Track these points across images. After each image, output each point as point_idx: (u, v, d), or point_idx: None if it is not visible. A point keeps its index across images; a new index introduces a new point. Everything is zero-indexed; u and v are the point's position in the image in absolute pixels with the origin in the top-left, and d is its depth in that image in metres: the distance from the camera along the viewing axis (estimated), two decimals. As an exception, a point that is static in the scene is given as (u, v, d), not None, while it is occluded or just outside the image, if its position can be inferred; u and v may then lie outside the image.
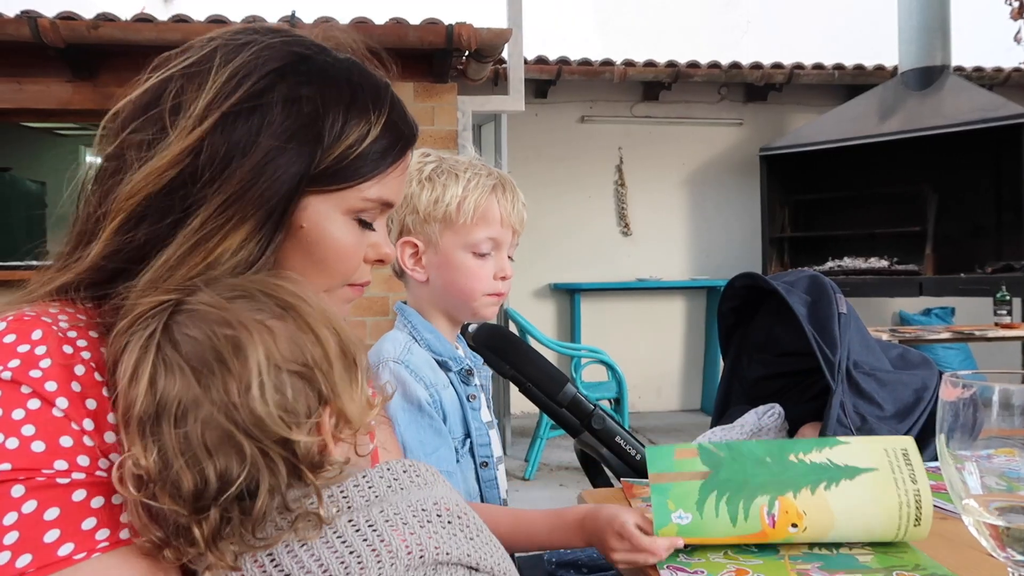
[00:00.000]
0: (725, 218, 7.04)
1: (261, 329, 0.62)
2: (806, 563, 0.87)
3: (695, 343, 7.03)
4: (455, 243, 1.26)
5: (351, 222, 0.76)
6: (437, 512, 0.66)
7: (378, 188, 0.75)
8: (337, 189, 0.73)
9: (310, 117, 0.70)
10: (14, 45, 4.12)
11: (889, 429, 1.47)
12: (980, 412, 0.59)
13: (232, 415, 0.58)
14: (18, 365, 0.59)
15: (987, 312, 4.84)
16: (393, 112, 0.76)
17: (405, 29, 4.33)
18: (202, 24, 4.30)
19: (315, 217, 0.73)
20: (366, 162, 0.74)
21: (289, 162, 0.69)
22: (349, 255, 0.77)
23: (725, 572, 0.85)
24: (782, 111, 7.04)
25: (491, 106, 5.04)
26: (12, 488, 0.56)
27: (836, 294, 1.60)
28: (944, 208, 5.99)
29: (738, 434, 1.70)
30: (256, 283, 0.67)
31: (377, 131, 0.74)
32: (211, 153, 0.68)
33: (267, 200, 0.69)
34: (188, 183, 0.68)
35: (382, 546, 0.60)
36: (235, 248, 0.68)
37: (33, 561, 0.55)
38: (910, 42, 5.88)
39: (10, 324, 0.62)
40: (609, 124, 6.86)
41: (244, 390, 0.58)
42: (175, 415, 0.58)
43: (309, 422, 0.61)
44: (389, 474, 0.67)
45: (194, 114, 0.69)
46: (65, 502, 0.57)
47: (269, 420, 0.58)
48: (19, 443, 0.57)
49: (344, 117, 0.72)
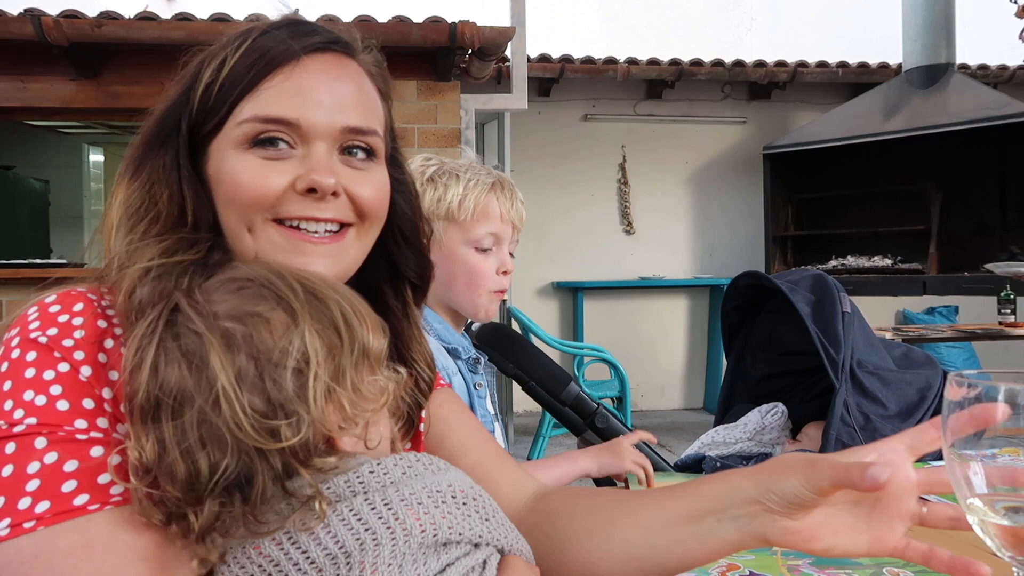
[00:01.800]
0: (728, 216, 7.03)
1: (257, 321, 0.63)
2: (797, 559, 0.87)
3: (698, 342, 7.02)
4: (458, 239, 1.33)
5: (244, 153, 0.75)
6: (452, 494, 0.67)
7: (251, 107, 0.74)
8: (217, 127, 0.76)
9: (190, 78, 0.78)
10: (18, 43, 4.13)
11: (893, 428, 1.47)
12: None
13: (220, 412, 0.59)
14: (55, 333, 0.65)
15: (991, 311, 4.83)
16: (258, 39, 0.77)
17: (408, 27, 4.33)
18: (205, 22, 4.30)
19: (216, 163, 0.76)
20: (225, 90, 0.75)
21: (164, 116, 0.78)
22: (244, 183, 0.74)
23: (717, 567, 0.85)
24: (786, 109, 7.04)
25: (494, 104, 5.04)
26: (36, 440, 0.61)
27: (840, 293, 1.60)
28: (948, 206, 5.97)
29: (741, 433, 1.70)
30: (261, 273, 0.67)
31: (234, 59, 0.76)
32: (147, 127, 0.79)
33: (149, 154, 0.76)
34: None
35: (396, 524, 0.61)
36: (128, 207, 0.75)
37: (50, 508, 0.59)
38: (914, 40, 5.87)
39: (59, 297, 0.69)
40: (612, 122, 6.86)
41: (226, 391, 0.59)
42: (172, 407, 0.60)
43: (307, 417, 0.61)
44: (403, 462, 0.68)
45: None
46: (83, 456, 0.61)
47: (248, 422, 0.59)
48: (46, 400, 0.62)
49: (206, 64, 0.77)
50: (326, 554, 0.60)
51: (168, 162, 0.75)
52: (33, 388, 0.63)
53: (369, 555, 0.60)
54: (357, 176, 0.78)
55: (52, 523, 0.58)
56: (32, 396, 0.62)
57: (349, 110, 0.77)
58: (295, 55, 0.75)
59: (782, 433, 1.69)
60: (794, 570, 0.84)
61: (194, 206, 0.75)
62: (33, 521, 0.58)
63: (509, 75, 5.04)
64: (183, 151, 0.76)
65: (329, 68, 0.78)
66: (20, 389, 0.63)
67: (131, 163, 0.77)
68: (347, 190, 0.77)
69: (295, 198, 0.75)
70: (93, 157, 7.95)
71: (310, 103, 0.75)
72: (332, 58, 0.79)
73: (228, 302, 0.64)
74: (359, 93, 0.79)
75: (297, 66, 0.75)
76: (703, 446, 1.72)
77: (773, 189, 6.41)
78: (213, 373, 0.60)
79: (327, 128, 0.75)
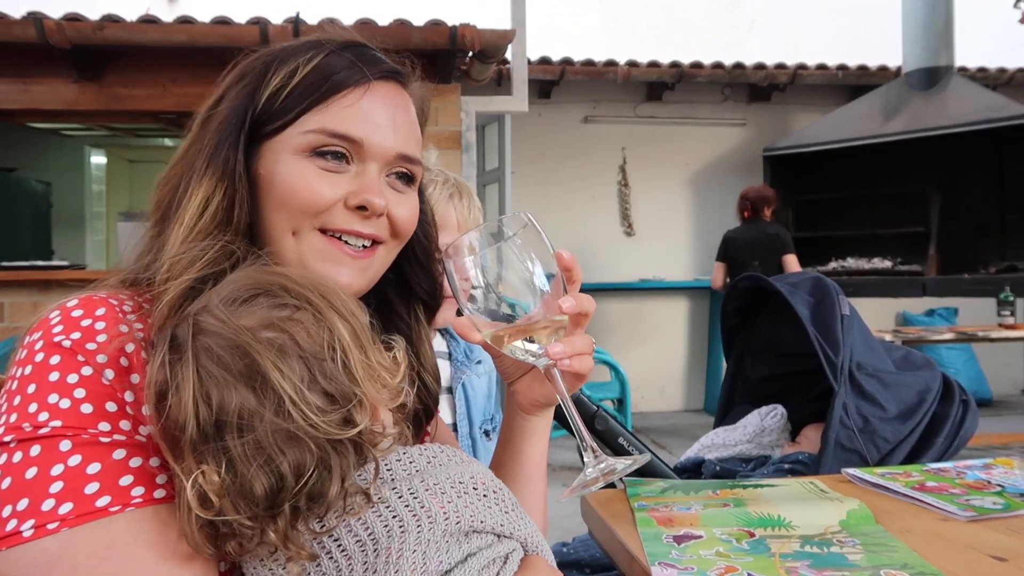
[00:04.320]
0: (728, 218, 7.02)
1: (292, 325, 0.64)
2: (795, 561, 0.88)
3: (698, 343, 7.03)
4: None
5: (303, 160, 0.78)
6: (473, 486, 0.69)
7: (318, 119, 0.77)
8: (279, 129, 0.78)
9: (256, 78, 0.80)
10: (20, 46, 4.14)
11: (892, 430, 1.48)
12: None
13: (292, 419, 0.60)
14: (79, 337, 0.67)
15: (991, 313, 4.84)
16: (330, 56, 0.80)
17: (409, 30, 4.34)
18: (207, 25, 4.31)
19: (269, 163, 0.78)
20: (294, 97, 0.78)
21: (231, 113, 0.79)
22: (299, 189, 0.77)
23: (715, 569, 0.86)
24: (785, 111, 7.05)
25: (495, 106, 5.05)
26: (60, 443, 0.62)
27: (839, 295, 1.60)
28: (948, 208, 5.99)
29: (740, 435, 1.71)
30: (264, 279, 0.68)
31: (307, 69, 0.79)
32: (197, 129, 0.81)
33: (218, 152, 0.77)
34: (189, 158, 0.80)
35: (422, 511, 0.64)
36: (199, 206, 0.76)
37: (73, 509, 0.60)
38: (914, 42, 5.88)
39: (81, 302, 0.70)
40: (613, 124, 6.87)
41: (292, 398, 0.60)
42: (237, 426, 0.60)
43: (354, 402, 0.63)
44: (428, 452, 0.71)
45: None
46: (106, 459, 0.63)
47: (321, 420, 0.61)
48: (71, 404, 0.64)
49: (275, 68, 0.80)
50: (357, 541, 0.63)
51: (232, 159, 0.78)
52: (58, 391, 0.64)
53: (396, 541, 0.62)
54: (399, 199, 0.83)
55: (75, 524, 0.60)
56: (57, 399, 0.64)
57: (403, 137, 0.82)
58: (366, 79, 0.80)
59: (781, 435, 1.70)
60: (792, 572, 0.85)
61: (242, 205, 0.77)
62: (57, 522, 0.60)
63: (509, 77, 5.05)
64: (244, 149, 0.79)
65: (392, 96, 0.83)
66: (45, 392, 0.64)
67: (204, 159, 0.78)
68: (389, 210, 0.81)
69: (343, 211, 0.79)
70: (95, 159, 7.95)
71: (373, 126, 0.80)
72: (394, 87, 0.84)
73: (255, 314, 0.65)
74: (411, 122, 0.85)
75: (368, 90, 0.80)
76: (702, 448, 1.73)
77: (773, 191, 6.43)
78: (275, 383, 0.60)
79: (384, 152, 0.80)
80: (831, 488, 1.17)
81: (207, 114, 0.81)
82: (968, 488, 1.15)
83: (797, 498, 1.11)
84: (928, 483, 1.18)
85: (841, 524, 1.00)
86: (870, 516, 1.02)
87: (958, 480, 1.21)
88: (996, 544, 0.93)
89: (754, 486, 1.21)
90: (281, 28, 4.27)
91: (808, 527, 0.99)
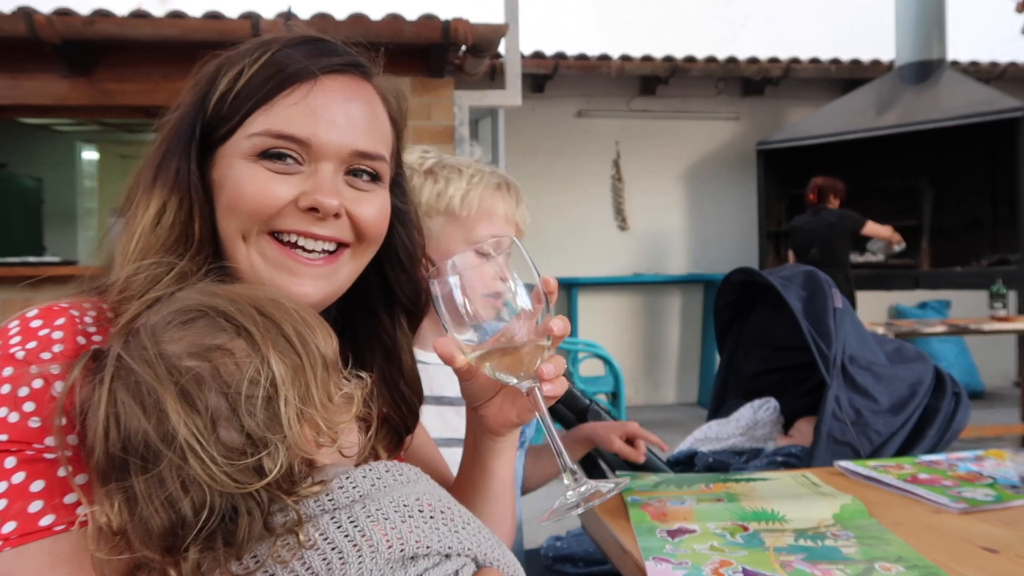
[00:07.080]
0: (722, 212, 7.05)
1: (220, 355, 0.61)
2: (790, 555, 0.88)
3: (692, 337, 7.04)
4: (457, 237, 1.25)
5: (252, 163, 0.75)
6: (419, 508, 0.66)
7: (263, 120, 0.75)
8: (227, 134, 0.76)
9: (207, 83, 0.78)
10: (10, 41, 4.11)
11: (884, 423, 1.48)
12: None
13: (190, 465, 0.57)
14: (34, 347, 0.65)
15: (983, 305, 4.86)
16: (278, 54, 0.77)
17: (401, 24, 4.33)
18: (198, 20, 4.29)
19: (222, 169, 0.76)
20: (240, 100, 0.76)
21: (180, 120, 0.78)
22: (246, 192, 0.74)
23: (710, 563, 0.86)
24: (779, 105, 7.05)
25: (488, 101, 5.03)
26: (6, 460, 0.61)
27: (831, 289, 1.61)
28: (940, 202, 6.01)
29: (733, 428, 1.71)
30: (211, 301, 0.65)
31: (252, 70, 0.76)
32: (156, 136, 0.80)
33: (166, 161, 0.76)
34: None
35: (363, 541, 0.61)
36: (154, 217, 0.74)
37: (17, 528, 0.59)
38: (906, 36, 5.89)
39: (41, 311, 0.69)
40: (606, 119, 6.86)
41: (190, 444, 0.57)
42: (141, 462, 0.58)
43: (270, 447, 0.60)
44: (372, 473, 0.68)
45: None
46: (50, 476, 0.61)
47: (220, 471, 0.58)
48: (19, 418, 0.62)
49: (224, 72, 0.78)
50: None
51: (183, 169, 0.75)
52: (7, 405, 0.63)
53: (336, 575, 0.60)
54: (360, 197, 0.79)
55: (18, 544, 0.59)
56: (6, 412, 0.62)
57: (359, 133, 0.78)
58: (312, 74, 0.76)
59: (774, 428, 1.71)
60: (786, 566, 0.85)
61: (201, 214, 0.75)
62: (0, 542, 0.59)
63: (503, 71, 5.04)
64: (195, 157, 0.76)
65: (345, 90, 0.78)
66: None
67: (152, 169, 0.77)
68: (349, 211, 0.77)
69: (295, 213, 0.75)
70: (86, 155, 7.91)
71: (322, 123, 0.75)
72: (349, 80, 0.79)
73: (185, 339, 0.62)
74: (371, 117, 0.80)
75: (315, 85, 0.76)
76: (696, 441, 1.74)
77: (766, 185, 6.44)
78: (173, 427, 0.57)
79: (337, 149, 0.76)
80: (824, 481, 1.17)
81: (161, 122, 0.80)
82: (960, 480, 1.16)
83: (790, 493, 1.12)
84: (920, 475, 1.19)
85: (835, 518, 1.01)
86: (863, 510, 1.02)
87: (950, 472, 1.21)
88: (988, 536, 0.93)
89: (747, 480, 1.21)
90: (273, 22, 4.24)
91: (802, 521, 1.00)
